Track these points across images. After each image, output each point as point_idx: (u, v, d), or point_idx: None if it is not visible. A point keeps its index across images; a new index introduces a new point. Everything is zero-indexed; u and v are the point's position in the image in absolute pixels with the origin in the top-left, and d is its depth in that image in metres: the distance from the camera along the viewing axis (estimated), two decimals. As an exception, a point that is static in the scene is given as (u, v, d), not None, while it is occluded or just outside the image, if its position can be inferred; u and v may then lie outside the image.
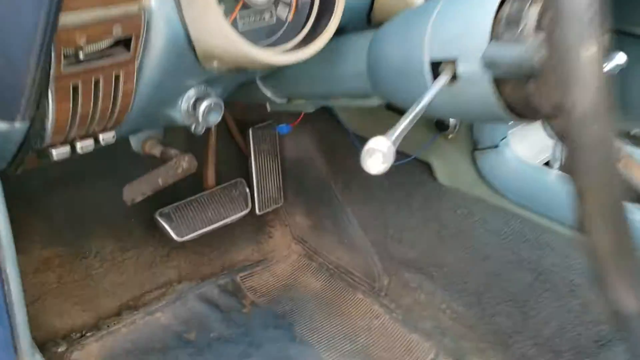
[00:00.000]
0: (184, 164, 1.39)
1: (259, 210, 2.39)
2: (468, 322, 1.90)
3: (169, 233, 2.03)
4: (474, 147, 1.79)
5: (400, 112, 0.93)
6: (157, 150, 1.48)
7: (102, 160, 2.14)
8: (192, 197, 2.12)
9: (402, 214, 2.14)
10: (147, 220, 2.24)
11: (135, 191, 1.35)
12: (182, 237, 2.03)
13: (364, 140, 0.87)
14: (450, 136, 1.91)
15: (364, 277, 2.29)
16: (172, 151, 1.43)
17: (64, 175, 2.13)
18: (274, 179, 2.45)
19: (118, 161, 1.91)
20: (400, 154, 2.10)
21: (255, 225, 2.52)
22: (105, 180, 2.19)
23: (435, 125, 1.91)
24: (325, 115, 2.44)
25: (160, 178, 1.36)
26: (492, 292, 1.84)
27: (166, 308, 2.10)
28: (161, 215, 2.02)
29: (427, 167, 1.93)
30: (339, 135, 2.38)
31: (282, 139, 2.51)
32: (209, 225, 2.11)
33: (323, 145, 2.42)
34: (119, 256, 2.16)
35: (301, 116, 2.23)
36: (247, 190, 2.28)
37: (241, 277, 2.33)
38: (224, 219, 2.16)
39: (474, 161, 1.80)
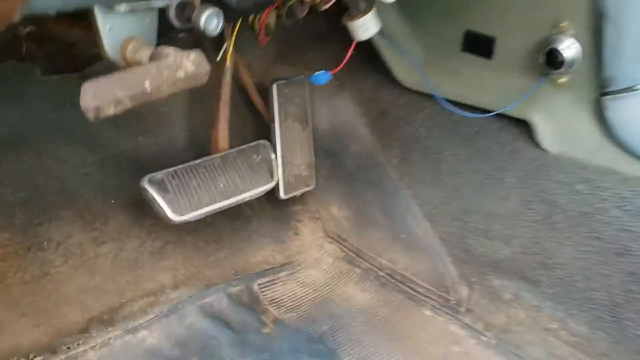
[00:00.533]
0: (187, 63, 0.84)
1: (284, 193, 1.82)
2: (597, 348, 1.45)
3: (160, 210, 1.46)
4: (602, 91, 1.36)
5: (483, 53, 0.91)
6: (144, 55, 0.92)
7: (68, 115, 1.59)
8: (197, 161, 1.54)
9: (488, 195, 1.59)
10: (134, 200, 1.68)
11: (104, 94, 0.77)
12: (180, 215, 1.45)
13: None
14: (562, 79, 1.43)
15: (431, 287, 1.73)
16: (170, 49, 0.87)
17: (14, 135, 1.57)
18: (304, 153, 1.90)
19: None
20: (479, 109, 1.56)
21: (278, 216, 1.98)
22: (72, 143, 1.64)
23: (545, 61, 1.39)
24: (372, 68, 1.90)
25: (148, 79, 0.79)
26: (636, 303, 1.38)
27: (155, 324, 1.53)
28: (151, 182, 1.43)
29: (525, 128, 1.53)
30: (390, 94, 1.83)
31: (316, 102, 1.95)
32: (219, 200, 1.54)
33: (369, 108, 1.87)
34: (90, 250, 1.61)
35: (346, 58, 1.67)
36: (273, 155, 1.70)
37: (260, 285, 1.76)
38: (240, 192, 1.59)
39: (599, 114, 1.39)
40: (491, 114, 1.56)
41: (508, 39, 1.57)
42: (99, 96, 0.75)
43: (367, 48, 1.96)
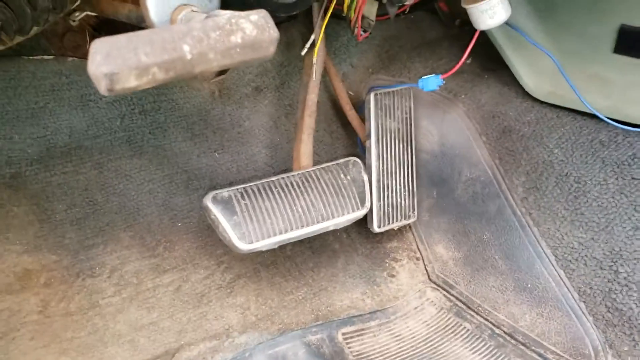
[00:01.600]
0: (246, 25, 0.63)
1: (379, 225, 1.57)
2: None
3: (225, 235, 1.26)
4: None
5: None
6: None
7: (137, 124, 1.47)
8: (272, 179, 1.33)
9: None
10: (204, 224, 1.52)
11: (123, 57, 0.57)
12: (248, 243, 1.24)
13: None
14: None
15: (564, 354, 1.40)
16: (228, 11, 0.68)
17: (74, 143, 1.46)
18: (404, 178, 1.64)
19: (159, 124, 1.56)
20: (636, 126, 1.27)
21: (370, 253, 1.73)
22: (138, 155, 1.52)
23: None
24: (494, 77, 1.65)
25: (189, 42, 0.58)
26: None
27: (216, 374, 1.31)
28: (216, 201, 1.23)
29: None
30: (516, 108, 1.57)
31: (422, 117, 1.70)
32: (297, 228, 1.31)
33: (489, 126, 1.60)
34: (148, 280, 1.43)
35: (464, 57, 1.42)
36: (365, 177, 1.47)
37: (345, 334, 1.51)
38: (323, 219, 1.35)
39: None
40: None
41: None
42: (115, 59, 0.56)
43: (489, 53, 1.70)
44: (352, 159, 1.45)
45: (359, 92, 1.94)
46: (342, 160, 1.45)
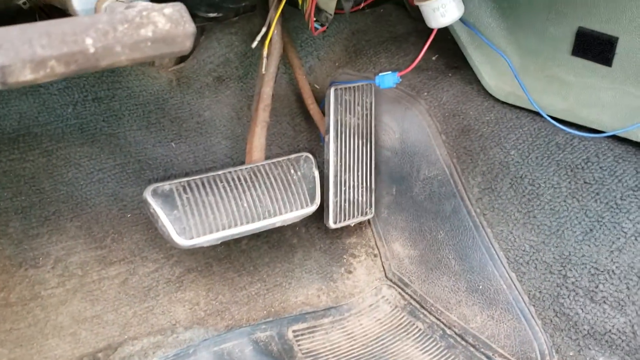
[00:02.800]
0: (159, 19, 0.61)
1: (334, 220, 1.56)
2: None
3: (164, 229, 1.24)
4: None
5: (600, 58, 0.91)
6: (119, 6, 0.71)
7: (89, 111, 1.44)
8: (218, 172, 1.31)
9: (598, 243, 1.28)
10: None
11: (18, 49, 0.54)
12: (188, 238, 1.22)
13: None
14: None
15: (512, 357, 1.39)
16: (147, 2, 0.66)
17: (22, 129, 1.44)
18: (363, 174, 1.63)
19: (114, 111, 1.52)
20: (590, 130, 1.28)
21: (329, 249, 1.70)
22: (89, 143, 1.49)
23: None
24: (457, 76, 1.64)
25: (92, 34, 0.56)
26: None
27: (159, 371, 1.29)
28: (156, 194, 1.21)
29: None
30: (477, 108, 1.57)
31: (383, 114, 1.69)
32: (242, 223, 1.29)
33: (449, 125, 1.59)
34: (93, 271, 1.41)
35: (420, 55, 1.41)
36: (316, 173, 1.45)
37: (296, 332, 1.50)
38: (270, 215, 1.33)
39: None
40: (606, 134, 1.26)
41: (635, 40, 1.25)
42: (6, 52, 0.54)
43: (456, 50, 1.69)
44: (304, 154, 1.43)
45: (325, 86, 1.92)
46: (293, 156, 1.43)
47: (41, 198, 1.42)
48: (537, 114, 1.51)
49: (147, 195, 1.21)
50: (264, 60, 1.43)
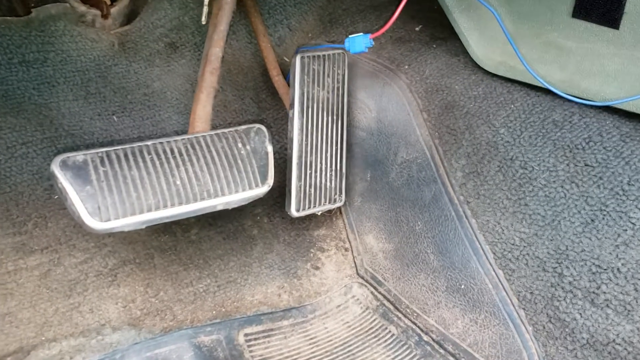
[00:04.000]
0: None
1: (297, 208, 1.36)
2: None
3: (73, 209, 1.02)
4: None
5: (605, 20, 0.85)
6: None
7: (16, 75, 1.27)
8: (147, 142, 1.11)
9: (600, 236, 1.09)
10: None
11: None
12: (103, 220, 1.01)
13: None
14: None
15: (498, 368, 1.20)
16: None
17: None
18: (332, 156, 1.44)
19: (46, 78, 1.35)
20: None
21: (294, 241, 1.52)
22: (13, 112, 1.32)
23: None
24: (441, 48, 1.46)
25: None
26: None
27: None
28: (65, 166, 1.01)
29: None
30: (463, 81, 1.39)
31: (358, 89, 1.50)
32: (172, 204, 1.08)
33: (431, 101, 1.40)
34: (9, 261, 1.21)
35: (395, 14, 1.22)
36: (269, 148, 1.25)
37: (248, 335, 1.31)
38: (208, 196, 1.12)
39: None
40: (612, 102, 1.08)
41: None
42: None
43: (442, 21, 1.50)
44: (256, 126, 1.23)
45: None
46: (242, 127, 1.22)
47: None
48: (531, 87, 1.33)
49: (55, 166, 1.00)
50: (205, 9, 1.23)
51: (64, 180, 0.98)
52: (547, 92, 1.29)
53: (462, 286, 1.29)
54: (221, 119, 1.57)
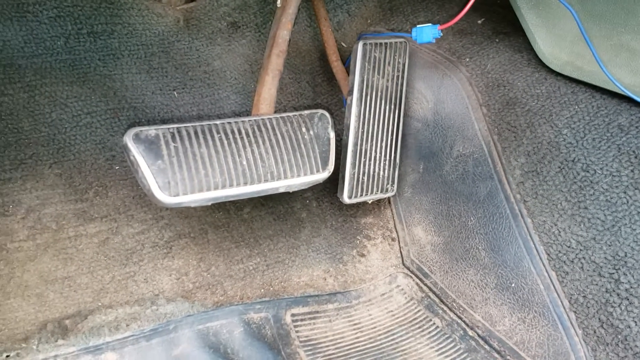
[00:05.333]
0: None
1: (349, 195, 1.38)
2: None
3: (145, 182, 1.05)
4: None
5: None
6: None
7: (83, 46, 1.30)
8: (216, 122, 1.13)
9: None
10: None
11: None
12: (173, 195, 1.04)
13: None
14: None
15: (544, 369, 1.20)
16: None
17: (4, 60, 1.29)
18: (387, 145, 1.45)
19: (112, 50, 1.36)
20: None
21: (341, 227, 1.53)
22: (80, 82, 1.34)
23: None
24: (505, 42, 1.45)
25: None
26: None
27: (129, 347, 1.14)
28: (138, 139, 1.04)
29: None
30: (526, 79, 1.37)
31: (417, 80, 1.50)
32: (238, 184, 1.10)
33: (492, 97, 1.39)
34: (70, 227, 1.25)
35: (467, 6, 1.22)
36: (332, 134, 1.27)
37: (295, 316, 1.33)
38: (272, 178, 1.14)
39: None
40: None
41: None
42: None
43: (506, 15, 1.49)
44: (320, 111, 1.24)
45: (353, 44, 1.73)
46: (306, 112, 1.23)
47: (18, 138, 1.26)
48: (597, 89, 1.31)
49: (128, 139, 1.03)
50: (289, 3, 1.24)
51: (137, 153, 1.01)
52: (613, 95, 1.27)
53: (513, 284, 1.29)
54: (277, 101, 1.59)
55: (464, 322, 1.36)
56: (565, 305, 1.20)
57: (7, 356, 1.04)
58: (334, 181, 1.42)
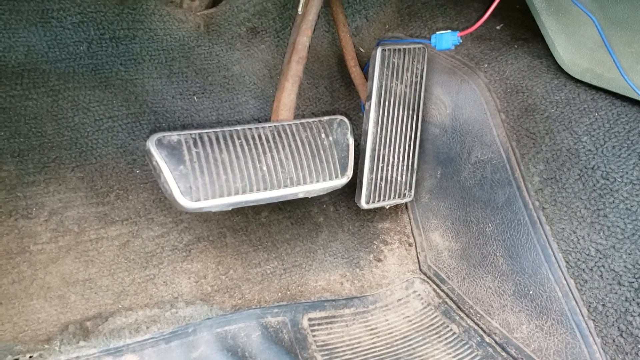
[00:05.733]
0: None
1: (367, 200, 1.38)
2: None
3: (167, 187, 1.07)
4: None
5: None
6: None
7: (106, 51, 1.32)
8: (237, 127, 1.14)
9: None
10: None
11: None
12: (194, 200, 1.06)
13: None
14: None
15: (562, 377, 1.20)
16: None
17: (28, 64, 1.31)
18: (404, 150, 1.45)
19: (133, 55, 1.40)
20: None
21: (358, 232, 1.54)
22: (102, 87, 1.36)
23: None
24: (524, 48, 1.45)
25: None
26: None
27: (149, 349, 1.15)
28: (161, 145, 1.05)
29: None
30: (545, 85, 1.37)
31: (435, 85, 1.50)
32: (258, 189, 1.12)
33: (511, 103, 1.39)
34: (91, 229, 1.26)
35: (488, 11, 1.22)
36: (351, 140, 1.28)
37: (312, 320, 1.34)
38: (292, 183, 1.16)
39: None
40: None
41: None
42: None
43: (524, 21, 1.49)
44: (339, 117, 1.25)
45: (371, 49, 1.73)
46: (326, 118, 1.24)
47: (42, 142, 1.28)
48: (617, 96, 1.31)
49: (151, 144, 1.04)
50: (302, 2, 1.25)
51: (159, 158, 1.03)
52: (634, 102, 1.26)
53: (531, 292, 1.29)
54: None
55: (481, 328, 1.36)
56: (583, 313, 1.19)
57: (31, 357, 1.06)
58: (351, 186, 1.43)
